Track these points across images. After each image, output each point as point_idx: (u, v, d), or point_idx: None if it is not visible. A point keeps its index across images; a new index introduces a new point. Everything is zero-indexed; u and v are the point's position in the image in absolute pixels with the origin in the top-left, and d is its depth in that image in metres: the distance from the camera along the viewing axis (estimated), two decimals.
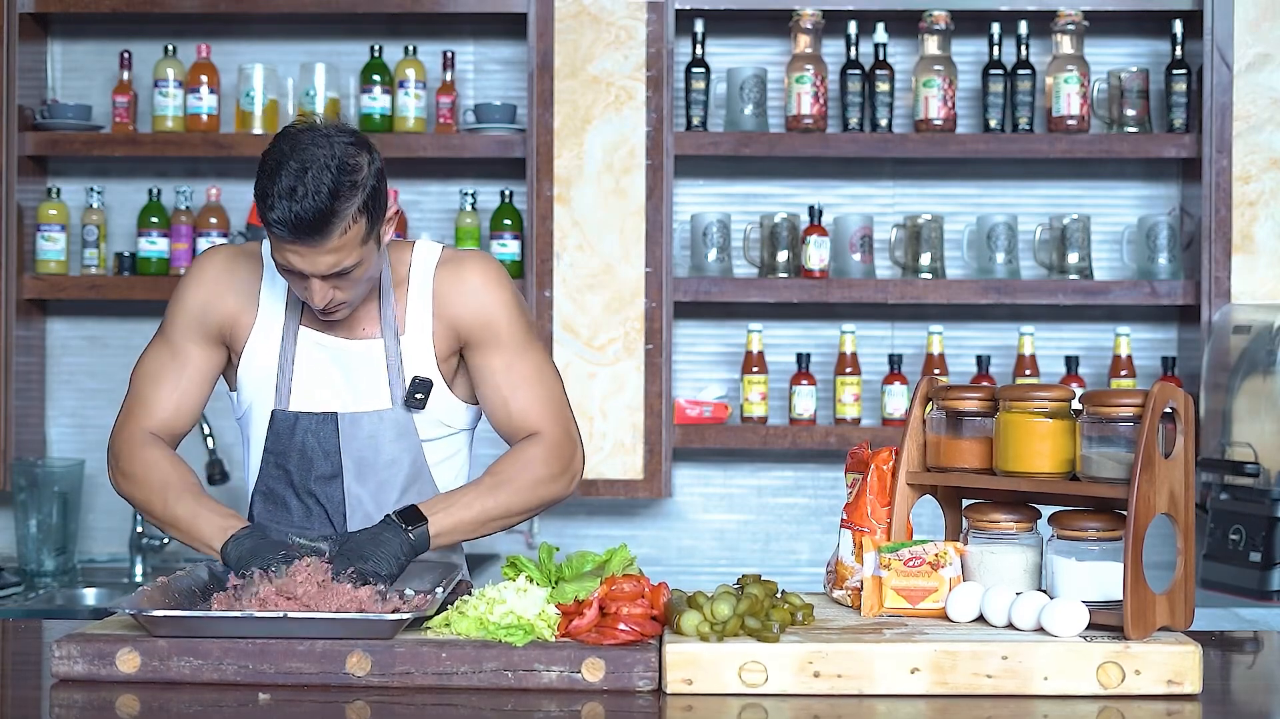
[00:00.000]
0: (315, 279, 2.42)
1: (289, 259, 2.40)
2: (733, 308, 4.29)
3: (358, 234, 2.41)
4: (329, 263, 2.40)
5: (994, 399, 2.35)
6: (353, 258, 2.42)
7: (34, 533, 4.14)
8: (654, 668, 2.11)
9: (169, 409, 2.62)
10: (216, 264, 2.65)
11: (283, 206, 2.34)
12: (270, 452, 2.62)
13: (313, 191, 2.34)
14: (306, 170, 2.35)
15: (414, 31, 4.34)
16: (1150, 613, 2.16)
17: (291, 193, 2.34)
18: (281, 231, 2.36)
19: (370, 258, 2.46)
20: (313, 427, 2.59)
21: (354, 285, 2.48)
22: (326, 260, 2.40)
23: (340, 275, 2.43)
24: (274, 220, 2.35)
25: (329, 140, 2.39)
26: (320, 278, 2.42)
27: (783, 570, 4.25)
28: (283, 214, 2.34)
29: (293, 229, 2.35)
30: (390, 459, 2.61)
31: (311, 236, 2.36)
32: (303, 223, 2.34)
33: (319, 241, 2.37)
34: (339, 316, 2.53)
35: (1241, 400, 3.79)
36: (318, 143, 2.38)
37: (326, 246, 2.38)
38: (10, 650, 2.50)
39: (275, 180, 2.35)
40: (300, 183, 2.34)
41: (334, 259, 2.40)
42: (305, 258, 2.39)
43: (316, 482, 2.61)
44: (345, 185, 2.36)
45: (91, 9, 4.20)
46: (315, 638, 2.13)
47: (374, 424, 2.59)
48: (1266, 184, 4.05)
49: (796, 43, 4.16)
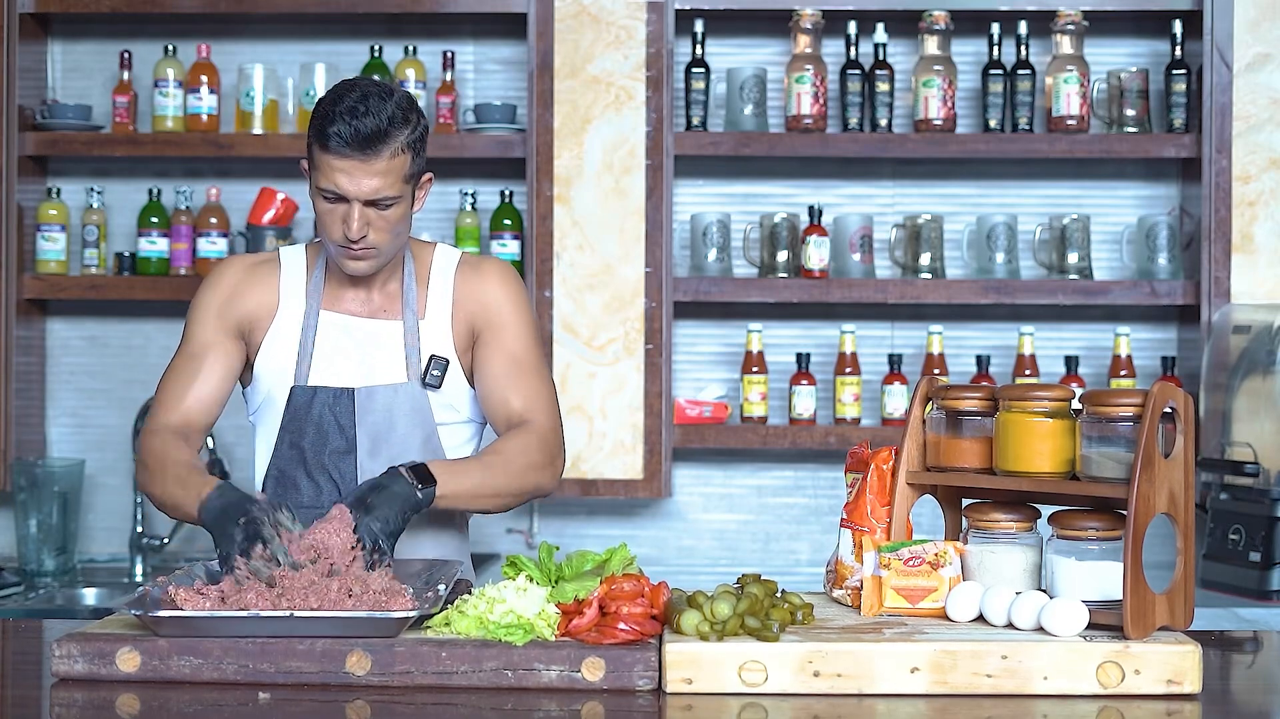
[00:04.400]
0: (357, 205, 2.54)
1: (337, 179, 2.54)
2: (733, 308, 4.29)
3: (402, 166, 2.55)
4: (373, 187, 2.53)
5: (994, 399, 2.36)
6: (393, 189, 2.56)
7: (34, 533, 4.14)
8: (654, 667, 2.11)
9: (187, 401, 2.67)
10: (234, 268, 2.76)
11: (343, 121, 2.51)
12: (285, 429, 2.67)
13: (375, 110, 2.52)
14: (369, 97, 2.54)
15: (414, 31, 4.34)
16: (1150, 613, 2.16)
17: (354, 111, 2.52)
18: (339, 144, 2.51)
19: (405, 204, 2.60)
20: (330, 400, 2.66)
21: (386, 228, 2.59)
22: (372, 184, 2.53)
23: (377, 207, 2.56)
24: (333, 133, 2.51)
25: (389, 87, 2.60)
26: (361, 203, 2.54)
27: (783, 570, 4.25)
28: (343, 127, 2.51)
29: (350, 141, 2.50)
30: (404, 434, 2.66)
31: (365, 150, 2.51)
32: (360, 135, 2.50)
33: (371, 158, 2.52)
34: (364, 267, 2.62)
35: (1241, 400, 3.79)
36: (380, 85, 2.59)
37: (375, 167, 2.52)
38: (10, 650, 2.50)
39: (338, 103, 2.53)
40: (363, 104, 2.53)
41: (378, 183, 2.53)
42: (353, 177, 2.52)
43: (330, 456, 2.66)
44: (399, 117, 2.55)
45: (91, 9, 4.20)
46: (316, 637, 2.13)
47: (389, 397, 2.66)
48: (1266, 184, 4.05)
49: (796, 43, 4.16)
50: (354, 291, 2.70)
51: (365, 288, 2.69)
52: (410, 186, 2.60)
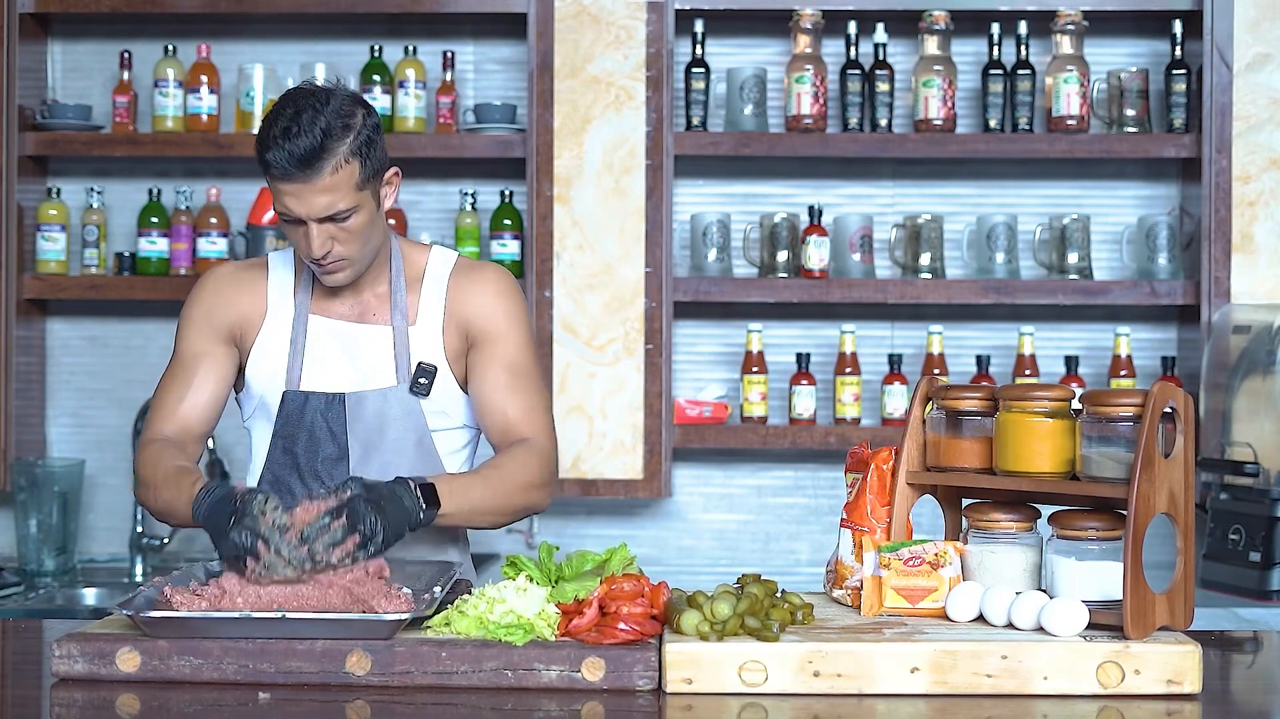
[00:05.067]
0: (313, 224, 2.51)
1: (286, 203, 2.50)
2: (733, 308, 4.29)
3: (350, 177, 2.50)
4: (323, 204, 2.49)
5: (994, 399, 2.36)
6: (346, 201, 2.50)
7: (34, 533, 4.14)
8: (654, 667, 2.11)
9: (182, 410, 2.66)
10: (220, 275, 2.74)
11: (278, 145, 2.46)
12: (279, 435, 2.66)
13: (306, 128, 2.46)
14: (301, 113, 2.48)
15: (414, 31, 4.34)
16: (1150, 613, 2.16)
17: (286, 132, 2.46)
18: (277, 169, 2.47)
19: (366, 210, 2.54)
20: (321, 406, 2.64)
21: (353, 239, 2.54)
22: (320, 201, 2.49)
23: (335, 221, 2.51)
24: (270, 160, 2.48)
25: (325, 92, 2.53)
26: (317, 222, 2.50)
27: (783, 570, 4.24)
28: (278, 151, 2.46)
29: (286, 165, 2.46)
30: (395, 440, 2.64)
31: (303, 171, 2.46)
32: (294, 158, 2.45)
33: (311, 177, 2.47)
34: (341, 278, 2.59)
35: (1241, 400, 3.79)
36: (315, 94, 2.52)
37: (319, 184, 2.48)
38: (10, 650, 2.50)
39: (273, 124, 2.48)
40: (295, 123, 2.47)
41: (327, 200, 2.49)
42: (300, 199, 2.49)
43: (323, 463, 2.64)
44: (337, 126, 2.48)
45: (91, 9, 4.20)
46: (314, 638, 2.13)
47: (379, 403, 2.64)
48: (1266, 184, 4.05)
49: (796, 43, 4.16)
50: (343, 295, 2.67)
51: (354, 292, 2.67)
52: (368, 191, 2.53)
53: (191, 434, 2.66)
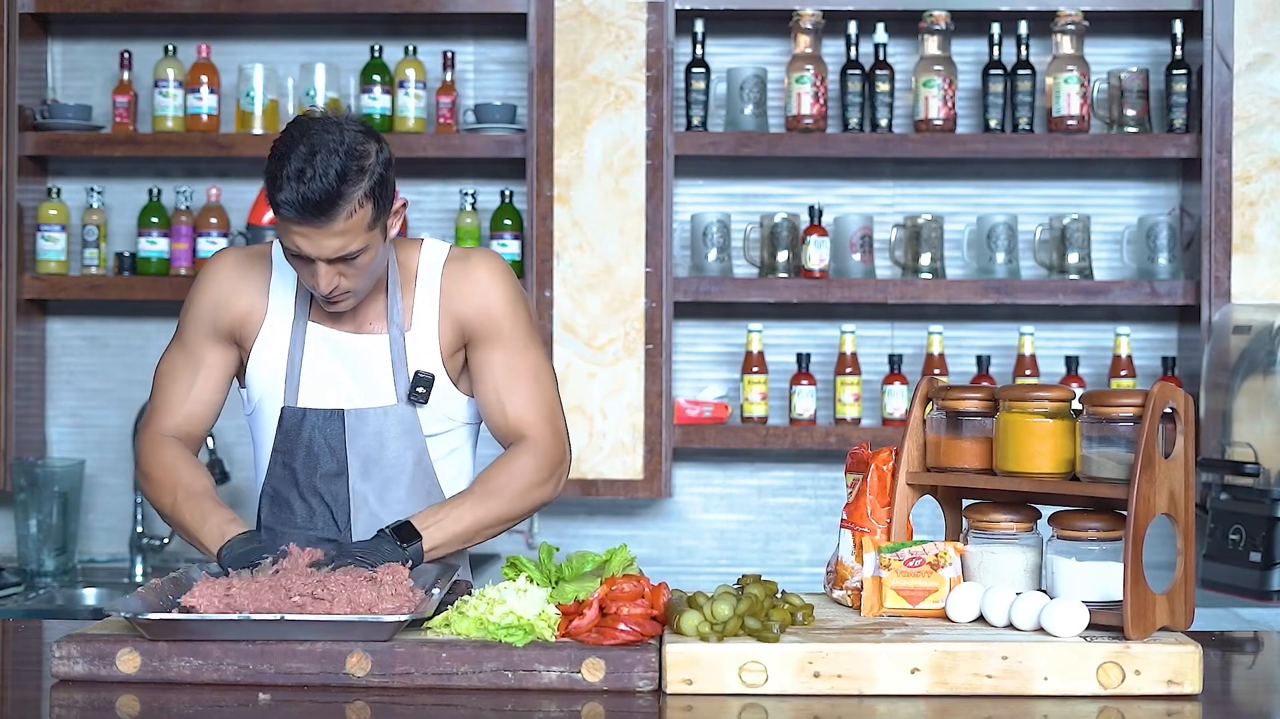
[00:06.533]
0: (321, 264, 2.46)
1: (296, 243, 2.44)
2: (733, 308, 4.29)
3: (363, 219, 2.44)
4: (335, 246, 2.43)
5: (994, 399, 2.36)
6: (358, 243, 2.45)
7: (34, 533, 4.14)
8: (654, 668, 2.11)
9: (185, 410, 2.67)
10: (227, 264, 2.69)
11: (291, 188, 2.39)
12: (278, 450, 2.65)
13: (320, 173, 2.39)
14: (315, 154, 2.40)
15: (414, 31, 4.34)
16: (1150, 613, 2.16)
17: (300, 175, 2.39)
18: (289, 213, 2.40)
19: (375, 246, 2.50)
20: (319, 423, 2.62)
21: (359, 274, 2.50)
22: (332, 244, 2.43)
23: (345, 261, 2.47)
24: (282, 202, 2.40)
25: (339, 127, 2.44)
26: (326, 262, 2.45)
27: (783, 570, 4.24)
28: (290, 195, 2.39)
29: (300, 210, 2.39)
30: (395, 456, 2.63)
31: (318, 218, 2.40)
32: (309, 204, 2.39)
33: (325, 223, 2.41)
34: (344, 307, 2.56)
35: (1241, 400, 3.79)
36: (328, 129, 2.43)
37: (332, 229, 2.42)
38: (10, 650, 2.50)
39: (285, 164, 2.41)
40: (309, 165, 2.39)
41: (340, 243, 2.43)
42: (312, 240, 2.43)
43: (322, 479, 2.62)
44: (353, 169, 2.41)
45: (91, 9, 4.20)
46: (314, 640, 2.13)
47: (379, 420, 2.62)
48: (1266, 184, 4.05)
49: (796, 43, 4.16)
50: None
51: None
52: (378, 229, 2.49)
53: (196, 429, 2.69)
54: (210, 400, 2.68)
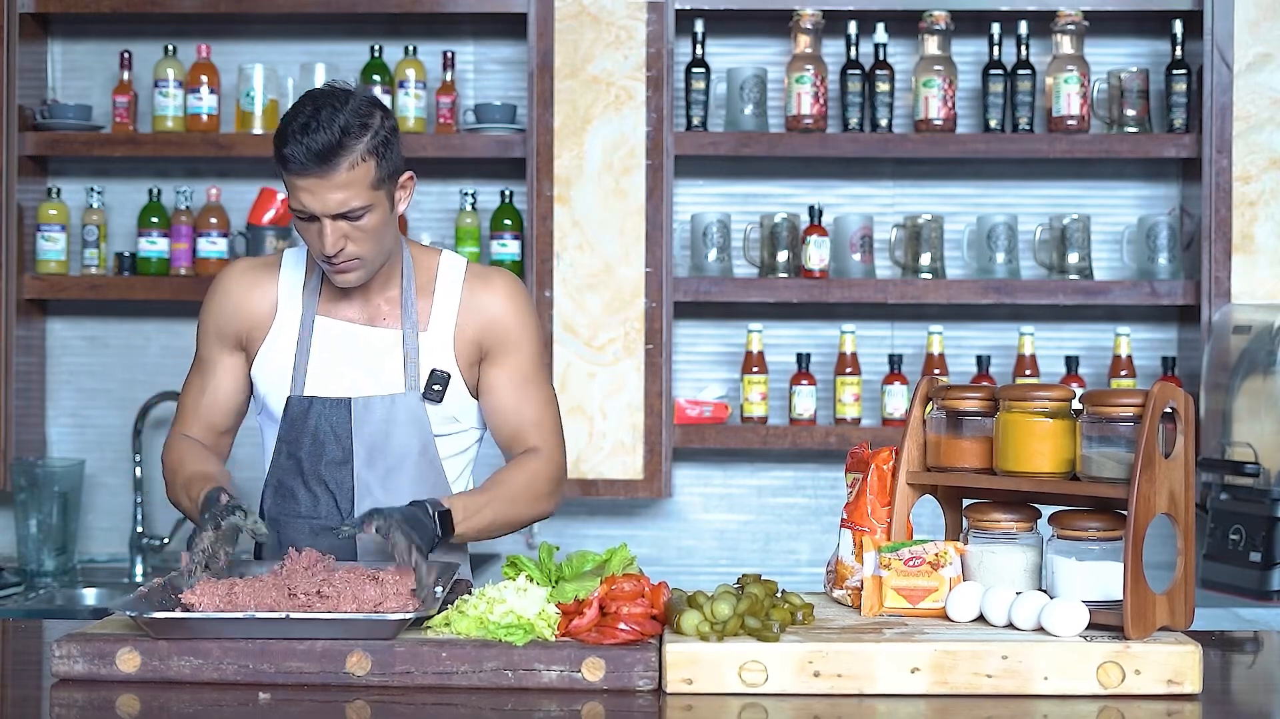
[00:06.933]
0: (326, 220, 2.52)
1: (302, 199, 2.51)
2: (733, 308, 4.29)
3: (366, 175, 2.51)
4: (338, 200, 2.50)
5: (994, 399, 2.36)
6: (361, 199, 2.51)
7: (34, 533, 4.14)
8: (654, 667, 2.11)
9: (202, 409, 2.74)
10: (234, 274, 2.76)
11: (295, 140, 2.48)
12: (283, 440, 2.67)
13: (325, 124, 2.48)
14: (320, 110, 2.50)
15: (414, 31, 4.34)
16: (1150, 613, 2.16)
17: (305, 128, 2.48)
18: (294, 164, 2.49)
19: (381, 211, 2.56)
20: (326, 411, 2.65)
21: (366, 239, 2.55)
22: (335, 198, 2.50)
23: (348, 219, 2.52)
24: (288, 155, 2.49)
25: (345, 93, 2.55)
26: (330, 218, 2.51)
27: (783, 570, 4.24)
28: (294, 146, 2.48)
29: (303, 158, 2.48)
30: (401, 445, 2.65)
31: (320, 165, 2.48)
32: (313, 152, 2.47)
33: (328, 172, 2.48)
34: (352, 279, 2.60)
35: (1241, 400, 3.79)
36: (334, 94, 2.54)
37: (335, 180, 2.49)
38: (10, 650, 2.50)
39: (293, 120, 2.51)
40: (314, 119, 2.49)
41: (342, 196, 2.50)
42: (316, 194, 2.50)
43: (327, 467, 2.65)
44: (355, 125, 2.50)
45: (91, 9, 4.20)
46: (317, 638, 2.13)
47: (386, 408, 2.64)
48: (1266, 184, 4.05)
49: (796, 43, 4.16)
50: (352, 298, 2.68)
51: (363, 294, 2.68)
52: (383, 192, 2.55)
53: (216, 430, 2.75)
54: (227, 400, 2.74)
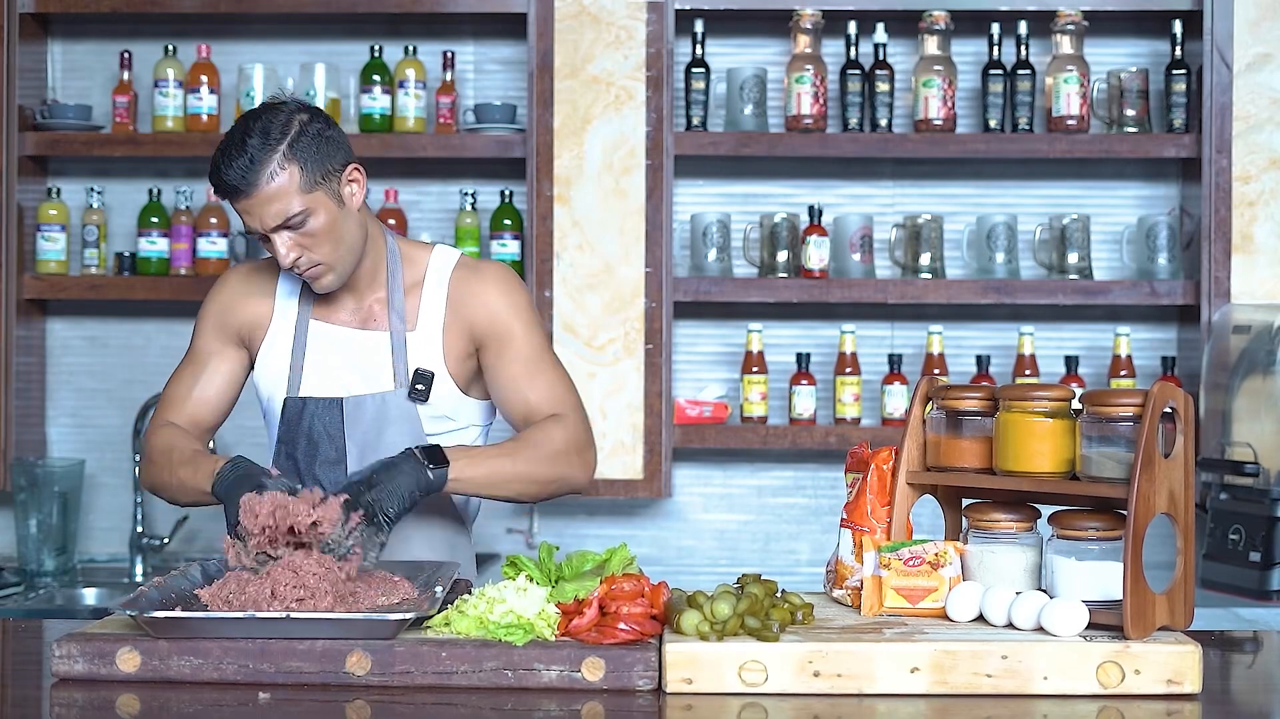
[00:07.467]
0: (275, 236, 2.53)
1: (244, 219, 2.55)
2: (733, 308, 4.29)
3: (290, 182, 2.51)
4: (274, 212, 2.51)
5: (994, 399, 2.36)
6: (296, 205, 2.52)
7: (34, 533, 4.14)
8: (654, 667, 2.11)
9: (190, 402, 2.72)
10: (237, 274, 2.79)
11: (216, 166, 2.51)
12: (281, 441, 2.69)
13: (236, 145, 2.50)
14: (235, 132, 2.52)
15: (414, 31, 4.34)
16: (1150, 613, 2.16)
17: (224, 152, 2.51)
18: (220, 189, 2.53)
19: (325, 213, 2.54)
20: (319, 411, 2.66)
21: (319, 243, 2.55)
22: (270, 211, 2.51)
23: (292, 228, 2.53)
24: (214, 182, 2.52)
25: (269, 108, 2.56)
26: (274, 231, 2.53)
27: (783, 570, 4.25)
28: (215, 173, 2.51)
29: (224, 186, 2.51)
30: (392, 443, 2.64)
31: (242, 185, 2.49)
32: (231, 179, 2.50)
33: (250, 190, 2.50)
34: (326, 284, 2.61)
35: (1241, 400, 3.79)
36: (254, 112, 2.55)
37: (259, 195, 2.50)
38: (10, 650, 2.50)
39: (218, 148, 2.54)
40: (230, 142, 2.51)
41: (275, 209, 2.51)
42: (251, 213, 2.53)
43: (321, 467, 2.66)
44: (265, 139, 2.50)
45: (91, 9, 4.20)
46: (315, 638, 2.13)
47: (376, 407, 2.65)
48: (1266, 184, 4.05)
49: (796, 43, 4.16)
50: (343, 301, 2.69)
51: (354, 297, 2.68)
52: (319, 193, 2.54)
53: (200, 426, 2.73)
54: (216, 395, 2.73)
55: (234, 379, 2.75)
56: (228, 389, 2.74)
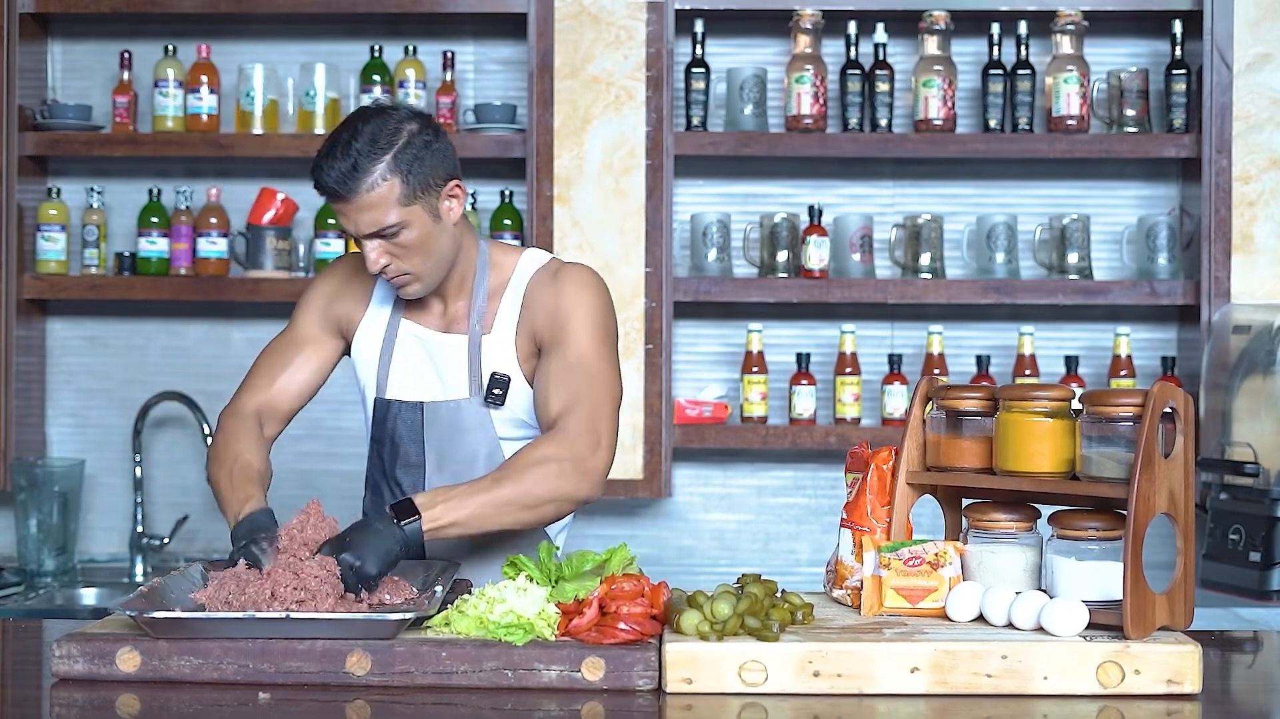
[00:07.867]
0: (366, 241, 2.55)
1: (340, 220, 2.57)
2: (733, 308, 4.29)
3: (390, 193, 2.51)
4: (367, 220, 2.52)
5: (994, 399, 2.36)
6: (392, 217, 2.52)
7: (34, 533, 4.14)
8: (654, 667, 2.11)
9: (274, 385, 2.74)
10: (345, 265, 2.82)
11: (318, 166, 2.52)
12: (374, 439, 2.74)
13: (342, 148, 2.50)
14: (342, 133, 2.53)
15: (414, 31, 4.34)
16: (1150, 613, 2.16)
17: (327, 153, 2.51)
18: (319, 189, 2.53)
19: (420, 226, 2.55)
20: (402, 414, 2.69)
21: (410, 255, 2.56)
22: (365, 219, 2.52)
23: (385, 237, 2.54)
24: (316, 181, 2.53)
25: (377, 111, 2.56)
26: (366, 238, 2.54)
27: (783, 570, 4.24)
28: (317, 172, 2.52)
29: (326, 186, 2.51)
30: (466, 450, 2.66)
31: (344, 189, 2.50)
32: (333, 179, 2.50)
33: (350, 196, 2.50)
34: (411, 292, 2.62)
35: (1241, 400, 3.79)
36: (364, 113, 2.56)
37: (358, 203, 2.50)
38: (10, 650, 2.50)
39: (322, 146, 2.54)
40: (334, 143, 2.52)
41: (371, 217, 2.52)
42: (347, 217, 2.53)
43: (402, 469, 2.70)
44: (372, 146, 2.50)
45: (91, 9, 4.20)
46: (315, 638, 2.13)
47: (452, 414, 2.67)
48: (1266, 184, 4.05)
49: (796, 43, 4.16)
50: (432, 304, 2.71)
51: (441, 301, 2.70)
52: (417, 206, 2.53)
53: (276, 411, 2.75)
54: (299, 386, 2.75)
55: (322, 371, 2.77)
56: (313, 379, 2.76)
